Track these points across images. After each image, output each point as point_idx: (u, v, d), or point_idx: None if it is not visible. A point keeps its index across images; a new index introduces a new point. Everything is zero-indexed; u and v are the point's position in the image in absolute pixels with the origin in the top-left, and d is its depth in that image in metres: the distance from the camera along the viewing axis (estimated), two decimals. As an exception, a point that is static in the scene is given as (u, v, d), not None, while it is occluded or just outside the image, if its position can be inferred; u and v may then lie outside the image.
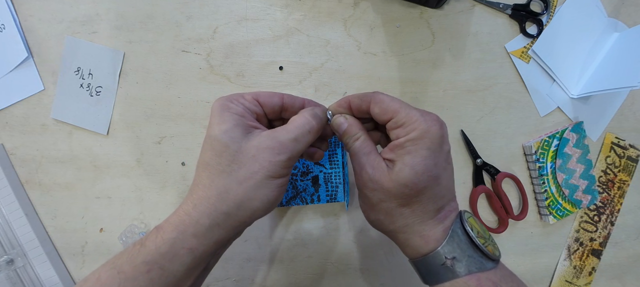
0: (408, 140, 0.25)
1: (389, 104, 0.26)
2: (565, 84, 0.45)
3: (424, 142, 0.25)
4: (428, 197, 0.26)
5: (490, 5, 0.44)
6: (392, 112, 0.26)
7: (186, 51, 0.44)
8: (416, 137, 0.25)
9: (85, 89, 0.44)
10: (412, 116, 0.25)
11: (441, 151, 0.25)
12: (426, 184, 0.25)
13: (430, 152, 0.25)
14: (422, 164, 0.24)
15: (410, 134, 0.25)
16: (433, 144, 0.25)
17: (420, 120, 0.25)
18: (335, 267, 0.46)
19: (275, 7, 0.44)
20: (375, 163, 0.26)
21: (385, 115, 0.27)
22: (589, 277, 0.47)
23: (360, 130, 0.28)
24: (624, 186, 0.47)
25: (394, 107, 0.26)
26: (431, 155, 0.25)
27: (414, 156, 0.25)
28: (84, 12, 0.44)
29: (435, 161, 0.25)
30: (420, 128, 0.25)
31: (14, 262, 0.44)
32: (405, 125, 0.25)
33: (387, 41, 0.44)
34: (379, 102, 0.27)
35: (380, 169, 0.26)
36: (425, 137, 0.25)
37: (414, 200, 0.26)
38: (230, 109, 0.26)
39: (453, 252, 0.25)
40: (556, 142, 0.44)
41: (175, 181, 0.45)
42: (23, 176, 0.45)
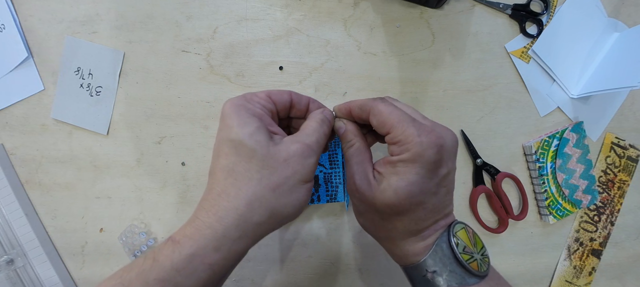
0: (400, 160, 0.24)
1: (386, 118, 0.25)
2: (565, 84, 0.45)
3: (414, 167, 0.23)
4: (410, 219, 0.25)
5: (490, 5, 0.44)
6: (389, 127, 0.25)
7: (186, 51, 0.44)
8: (407, 159, 0.24)
9: (85, 89, 0.44)
10: (408, 135, 0.24)
11: (434, 175, 0.24)
12: (407, 208, 0.24)
13: (418, 177, 0.23)
14: (406, 190, 0.24)
15: (402, 154, 0.24)
16: (423, 170, 0.23)
17: (415, 142, 0.23)
18: (335, 267, 0.46)
19: (275, 7, 0.44)
20: (364, 174, 0.26)
21: (382, 129, 0.26)
22: (589, 277, 0.47)
23: (356, 137, 0.28)
24: (624, 186, 0.47)
25: (391, 122, 0.25)
26: (419, 181, 0.24)
27: (400, 178, 0.24)
28: (84, 12, 0.44)
29: (421, 188, 0.24)
30: (414, 151, 0.23)
31: (14, 262, 0.44)
32: (400, 143, 0.24)
33: (387, 41, 0.44)
34: (377, 114, 0.26)
35: (367, 181, 0.26)
36: (417, 161, 0.23)
37: (395, 218, 0.26)
38: (249, 110, 0.25)
39: (434, 266, 0.25)
40: (556, 142, 0.44)
41: (175, 181, 0.45)
42: (23, 176, 0.45)
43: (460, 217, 0.45)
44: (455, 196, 0.45)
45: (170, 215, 0.45)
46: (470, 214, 0.46)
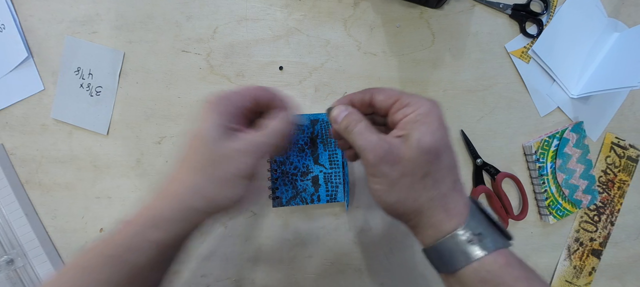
0: (419, 114, 0.26)
1: (391, 92, 0.28)
2: (565, 84, 0.45)
3: (433, 116, 0.26)
4: (446, 165, 0.26)
5: (490, 5, 0.44)
6: (396, 96, 0.27)
7: (186, 51, 0.44)
8: (425, 112, 0.26)
9: (85, 89, 0.44)
10: (415, 98, 0.27)
11: (444, 125, 0.26)
12: (444, 149, 0.26)
13: (439, 123, 0.26)
14: (438, 132, 0.25)
15: (419, 109, 0.26)
16: (440, 119, 0.26)
17: (424, 100, 0.26)
18: (335, 267, 0.46)
19: (275, 7, 0.44)
20: (388, 139, 0.26)
21: (390, 100, 0.27)
22: (589, 277, 0.47)
23: (361, 117, 0.28)
24: (624, 186, 0.47)
25: (396, 94, 0.27)
26: (441, 127, 0.26)
27: (429, 125, 0.25)
28: (84, 12, 0.44)
29: (444, 132, 0.26)
30: (427, 105, 0.26)
31: (14, 262, 0.44)
32: (410, 104, 0.26)
33: (387, 41, 0.44)
34: (381, 90, 0.28)
35: (395, 143, 0.26)
36: (432, 112, 0.26)
37: (435, 167, 0.25)
38: (215, 108, 0.27)
39: (478, 227, 0.24)
40: (556, 142, 0.44)
41: (175, 181, 0.45)
42: (23, 176, 0.45)
43: (460, 217, 0.46)
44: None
45: (170, 215, 0.45)
46: (470, 214, 0.46)
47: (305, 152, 0.43)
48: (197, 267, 0.46)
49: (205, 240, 0.45)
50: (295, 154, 0.43)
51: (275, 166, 0.43)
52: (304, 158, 0.43)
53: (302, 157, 0.43)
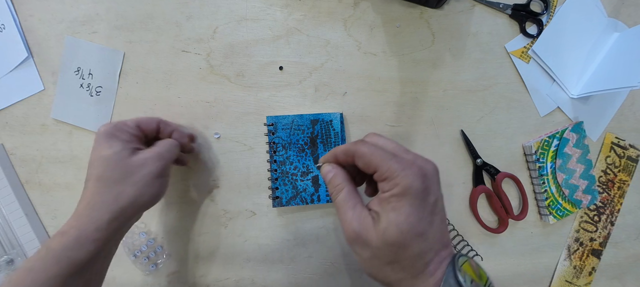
0: (392, 195, 0.25)
1: (369, 159, 0.26)
2: (565, 84, 0.45)
3: (406, 199, 0.25)
4: (415, 254, 0.25)
5: (490, 5, 0.44)
6: (374, 166, 0.26)
7: (186, 51, 0.44)
8: (398, 193, 0.25)
9: (85, 89, 0.44)
10: (393, 171, 0.25)
11: (425, 204, 0.25)
12: (411, 242, 0.25)
13: (412, 208, 0.25)
14: (407, 222, 0.25)
15: (393, 189, 0.25)
16: (416, 200, 0.25)
17: (401, 176, 0.25)
18: (335, 267, 0.46)
19: (275, 7, 0.44)
20: (361, 217, 0.27)
21: (369, 169, 0.27)
22: (589, 277, 0.47)
23: (345, 181, 0.29)
24: (624, 186, 0.47)
25: (375, 162, 0.26)
26: (414, 212, 0.25)
27: (398, 213, 0.25)
28: (84, 12, 0.44)
29: (419, 217, 0.25)
30: (402, 184, 0.25)
31: (14, 262, 0.44)
32: (388, 179, 0.25)
33: (387, 41, 0.44)
34: (361, 156, 0.27)
35: (366, 223, 0.26)
36: (407, 194, 0.25)
37: (402, 257, 0.25)
38: (117, 136, 0.34)
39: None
40: (556, 142, 0.44)
41: (175, 181, 0.45)
42: (23, 176, 0.45)
43: (460, 217, 0.46)
44: (455, 196, 0.45)
45: (170, 215, 0.45)
46: (470, 214, 0.46)
47: (305, 152, 0.43)
48: (197, 267, 0.46)
49: (205, 240, 0.45)
50: (296, 154, 0.43)
51: (275, 166, 0.43)
52: (304, 158, 0.43)
53: (302, 157, 0.43)
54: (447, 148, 0.45)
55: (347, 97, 0.44)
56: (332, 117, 0.43)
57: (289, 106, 0.44)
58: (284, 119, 0.43)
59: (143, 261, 0.45)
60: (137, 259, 0.45)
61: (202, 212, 0.45)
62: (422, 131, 0.45)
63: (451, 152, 0.45)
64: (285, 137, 0.43)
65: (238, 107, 0.44)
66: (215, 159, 0.45)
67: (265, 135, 0.44)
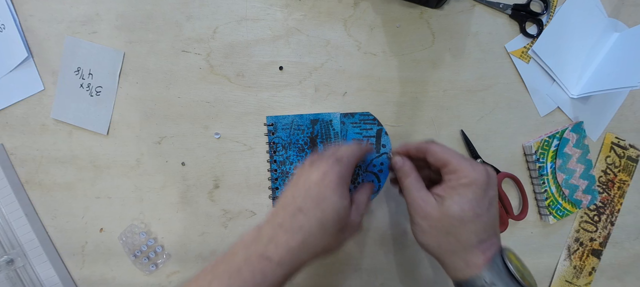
0: (460, 184, 0.31)
1: (442, 155, 0.32)
2: (565, 84, 0.45)
3: (471, 189, 0.30)
4: (471, 230, 0.30)
5: (490, 5, 0.44)
6: (446, 161, 0.32)
7: (186, 51, 0.44)
8: (466, 183, 0.30)
9: (85, 89, 0.44)
10: (463, 168, 0.31)
11: (485, 196, 0.31)
12: (470, 218, 0.30)
13: (475, 196, 0.30)
14: (468, 204, 0.30)
15: (461, 179, 0.31)
16: (479, 190, 0.30)
17: (469, 170, 0.31)
18: (335, 267, 0.46)
19: (275, 7, 0.44)
20: (426, 197, 0.32)
21: (438, 163, 0.33)
22: (589, 277, 0.47)
23: (412, 169, 0.35)
24: (624, 186, 0.47)
25: (447, 158, 0.32)
26: (475, 198, 0.30)
27: (462, 197, 0.30)
28: (84, 12, 0.44)
29: (478, 203, 0.30)
30: (470, 176, 0.30)
31: (14, 262, 0.44)
32: (457, 172, 0.31)
33: (387, 41, 0.44)
34: (433, 153, 0.33)
35: (431, 202, 0.32)
36: (473, 185, 0.30)
37: (459, 230, 0.30)
38: (347, 191, 0.33)
39: (492, 278, 0.29)
40: (556, 142, 0.44)
41: (175, 181, 0.45)
42: (23, 176, 0.45)
43: (460, 217, 0.46)
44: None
45: (170, 215, 0.45)
46: (470, 214, 0.46)
47: (306, 152, 0.43)
48: (197, 267, 0.46)
49: (205, 240, 0.45)
50: (295, 154, 0.43)
51: (275, 166, 0.43)
52: (304, 158, 0.43)
53: (302, 157, 0.43)
54: (447, 148, 0.45)
55: (347, 97, 0.44)
56: (332, 117, 0.43)
57: (289, 106, 0.44)
58: (284, 119, 0.43)
59: (143, 261, 0.45)
60: (137, 259, 0.45)
61: (202, 212, 0.45)
62: (422, 131, 0.45)
63: (451, 152, 0.45)
64: (285, 137, 0.43)
65: (238, 107, 0.44)
66: (215, 159, 0.45)
67: (265, 135, 0.44)
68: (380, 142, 0.44)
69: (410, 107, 0.45)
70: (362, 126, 0.44)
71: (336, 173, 0.32)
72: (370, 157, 0.43)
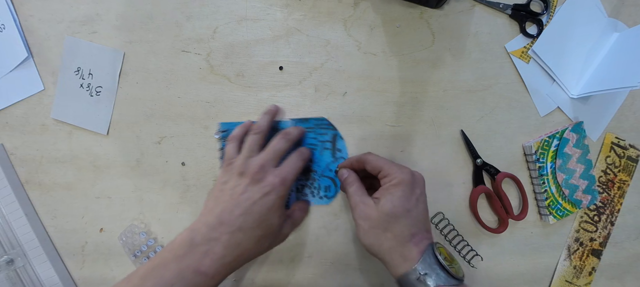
0: (390, 185, 0.35)
1: (375, 163, 0.37)
2: (565, 84, 0.45)
3: (400, 187, 0.35)
4: (403, 224, 0.34)
5: (490, 5, 0.44)
6: (378, 168, 0.37)
7: (186, 51, 0.44)
8: (395, 183, 0.35)
9: (85, 89, 0.44)
10: (392, 170, 0.36)
11: (412, 193, 0.35)
12: (401, 213, 0.34)
13: (403, 193, 0.34)
14: (398, 201, 0.34)
15: (392, 181, 0.35)
16: (406, 188, 0.35)
17: (397, 172, 0.35)
18: (335, 267, 0.46)
19: (275, 7, 0.44)
20: (366, 201, 0.36)
21: (374, 171, 0.37)
22: (589, 277, 0.47)
23: (356, 180, 0.39)
24: (624, 186, 0.47)
25: (379, 165, 0.37)
26: (404, 195, 0.34)
27: (393, 195, 0.34)
28: (84, 12, 0.44)
29: (407, 199, 0.34)
30: (398, 177, 0.35)
31: (14, 262, 0.44)
32: (388, 176, 0.36)
33: (387, 41, 0.44)
34: (368, 162, 0.38)
35: (369, 204, 0.36)
36: (401, 184, 0.35)
37: (393, 225, 0.34)
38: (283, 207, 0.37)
39: (425, 269, 0.32)
40: (556, 142, 0.44)
41: (175, 180, 0.45)
42: (23, 176, 0.45)
43: (460, 217, 0.46)
44: (455, 196, 0.45)
45: (170, 215, 0.45)
46: (470, 214, 0.46)
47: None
48: (197, 267, 0.46)
49: (205, 240, 0.45)
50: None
51: None
52: None
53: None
54: (447, 148, 0.45)
55: (347, 97, 0.44)
56: (285, 125, 0.43)
57: (289, 106, 0.44)
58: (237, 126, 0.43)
59: (143, 261, 0.45)
60: (137, 259, 0.45)
61: (202, 212, 0.45)
62: (422, 131, 0.45)
63: (451, 152, 0.45)
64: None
65: (238, 107, 0.44)
66: (215, 159, 0.45)
67: (219, 140, 0.44)
68: (335, 147, 0.44)
69: (410, 107, 0.45)
70: (317, 131, 0.44)
71: (280, 196, 0.35)
72: (327, 161, 0.43)
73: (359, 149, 0.44)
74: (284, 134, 0.39)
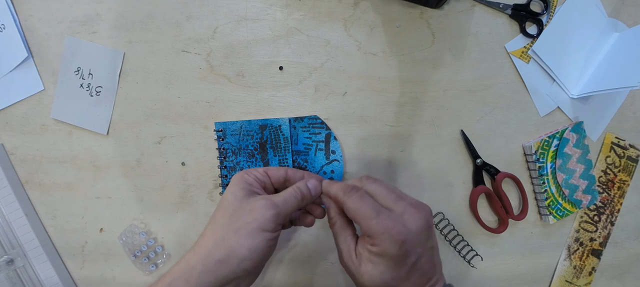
0: (371, 252, 0.28)
1: (354, 213, 0.29)
2: (565, 84, 0.45)
3: (382, 260, 0.27)
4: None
5: (490, 5, 0.44)
6: (358, 221, 0.29)
7: (186, 51, 0.44)
8: (376, 252, 0.27)
9: (85, 89, 0.44)
10: (373, 232, 0.27)
11: (402, 265, 0.27)
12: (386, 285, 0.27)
13: (387, 268, 0.27)
14: (379, 278, 0.27)
15: (373, 248, 0.28)
16: (391, 262, 0.27)
17: (380, 239, 0.27)
18: (336, 267, 0.46)
19: (275, 7, 0.44)
20: (348, 252, 0.30)
21: (354, 220, 0.30)
22: (589, 277, 0.47)
23: (338, 215, 0.32)
24: (624, 186, 0.47)
25: (358, 218, 0.29)
26: (389, 271, 0.27)
27: (374, 267, 0.28)
28: (84, 12, 0.44)
29: (392, 276, 0.27)
30: (380, 247, 0.27)
31: (14, 262, 0.44)
32: (370, 237, 0.28)
33: (387, 41, 0.44)
34: (347, 210, 0.30)
35: (352, 258, 0.30)
36: (383, 256, 0.27)
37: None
38: (244, 179, 0.32)
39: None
40: (556, 142, 0.44)
41: (175, 180, 0.45)
42: (23, 176, 0.45)
43: (460, 217, 0.46)
44: (455, 196, 0.45)
45: (170, 215, 0.45)
46: (470, 214, 0.46)
47: (255, 158, 0.43)
48: (197, 267, 0.46)
49: (205, 240, 0.45)
50: (246, 160, 0.43)
51: (225, 172, 0.44)
52: (254, 164, 0.43)
53: (252, 162, 0.43)
54: (447, 148, 0.45)
55: (347, 97, 0.44)
56: (281, 122, 0.43)
57: (289, 106, 0.44)
58: (233, 125, 0.43)
59: (143, 261, 0.45)
60: (137, 259, 0.45)
61: (202, 212, 0.45)
62: (422, 131, 0.45)
63: (451, 152, 0.45)
64: (235, 143, 0.43)
65: (238, 107, 0.44)
66: (216, 159, 0.45)
67: (215, 140, 0.44)
68: (329, 147, 0.44)
69: (410, 107, 0.45)
70: (311, 130, 0.44)
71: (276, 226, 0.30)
72: (321, 163, 0.44)
73: (359, 149, 0.44)
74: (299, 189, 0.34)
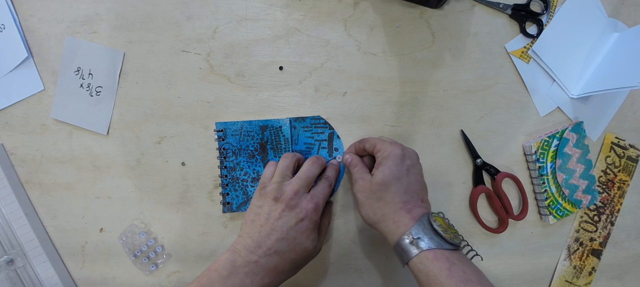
0: (382, 158, 0.38)
1: (372, 142, 0.40)
2: (565, 84, 0.45)
3: (390, 159, 0.37)
4: (394, 191, 0.36)
5: (490, 5, 0.44)
6: (374, 145, 0.40)
7: (186, 51, 0.44)
8: (386, 156, 0.37)
9: (85, 89, 0.44)
10: (385, 147, 0.38)
11: (402, 164, 0.37)
12: (390, 181, 0.36)
13: (393, 163, 0.37)
14: (388, 170, 0.36)
15: (383, 154, 0.38)
16: (396, 159, 0.37)
17: (388, 147, 0.38)
18: (335, 267, 0.46)
19: (275, 7, 0.44)
20: (364, 176, 0.39)
21: (371, 149, 0.40)
22: (589, 277, 0.47)
23: (359, 162, 0.41)
24: (624, 186, 0.47)
25: (374, 143, 0.40)
26: (394, 165, 0.37)
27: (384, 167, 0.37)
28: (84, 12, 0.44)
29: (396, 168, 0.37)
30: (388, 150, 0.38)
31: (14, 262, 0.44)
32: (381, 151, 0.38)
33: (387, 41, 0.44)
34: (368, 141, 0.41)
35: (367, 178, 0.38)
36: (390, 156, 0.37)
37: (385, 193, 0.36)
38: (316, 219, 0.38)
39: (418, 234, 0.34)
40: (556, 142, 0.44)
41: (175, 180, 0.45)
42: (23, 176, 0.45)
43: (460, 217, 0.46)
44: (455, 196, 0.45)
45: (170, 215, 0.45)
46: (470, 214, 0.46)
47: (255, 158, 0.43)
48: (197, 267, 0.46)
49: (205, 240, 0.45)
50: (245, 160, 0.43)
51: (225, 172, 0.44)
52: (254, 164, 0.43)
53: (252, 163, 0.43)
54: (447, 148, 0.45)
55: (347, 97, 0.44)
56: (282, 123, 0.43)
57: (289, 106, 0.44)
58: (234, 126, 0.43)
59: (143, 261, 0.45)
60: (137, 259, 0.45)
61: (202, 212, 0.45)
62: (422, 131, 0.45)
63: (451, 152, 0.45)
64: (235, 143, 0.43)
65: (238, 107, 0.44)
66: (216, 159, 0.45)
67: (215, 140, 0.44)
68: (332, 146, 0.44)
69: (410, 107, 0.45)
70: (314, 130, 0.44)
71: (313, 221, 0.37)
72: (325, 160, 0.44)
73: (359, 149, 0.45)
74: (315, 160, 0.41)
